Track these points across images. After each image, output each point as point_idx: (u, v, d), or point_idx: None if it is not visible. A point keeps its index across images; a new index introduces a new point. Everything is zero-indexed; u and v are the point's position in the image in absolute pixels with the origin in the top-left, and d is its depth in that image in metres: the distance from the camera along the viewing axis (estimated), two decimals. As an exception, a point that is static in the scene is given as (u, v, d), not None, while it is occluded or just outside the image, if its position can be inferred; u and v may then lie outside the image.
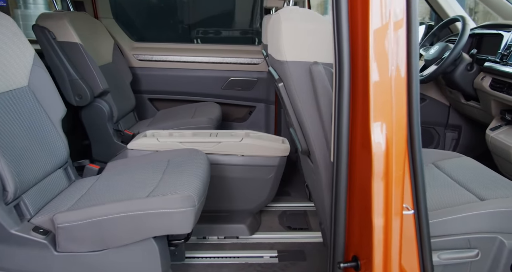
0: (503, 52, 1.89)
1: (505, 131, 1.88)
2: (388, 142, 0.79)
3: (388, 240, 0.81)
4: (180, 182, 1.21)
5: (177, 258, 1.58)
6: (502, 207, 1.14)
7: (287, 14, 1.05)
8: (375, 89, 0.78)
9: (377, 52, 0.78)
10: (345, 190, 0.87)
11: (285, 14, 1.05)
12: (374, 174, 0.79)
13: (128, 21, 3.04)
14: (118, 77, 2.43)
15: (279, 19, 1.04)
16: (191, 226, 1.14)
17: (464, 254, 1.10)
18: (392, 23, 0.78)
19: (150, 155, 1.56)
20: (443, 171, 1.50)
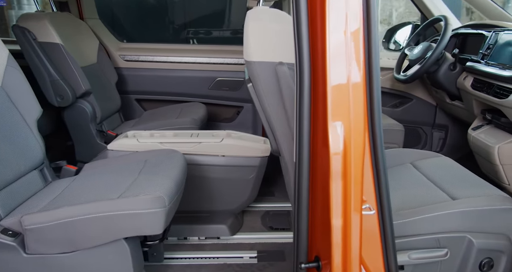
0: (484, 52, 1.90)
1: (486, 131, 1.89)
2: (346, 142, 0.79)
3: (347, 240, 0.81)
4: (152, 183, 1.21)
5: (156, 259, 1.58)
6: (472, 206, 1.14)
7: (255, 15, 1.05)
8: (332, 90, 0.78)
9: (334, 53, 0.78)
10: (307, 190, 0.87)
11: (254, 14, 1.05)
12: (332, 174, 0.79)
13: (115, 22, 3.04)
14: (103, 78, 2.43)
15: (247, 19, 1.04)
16: (162, 227, 1.14)
17: (433, 253, 1.11)
18: (350, 24, 0.78)
19: (128, 155, 1.56)
20: (420, 171, 1.50)
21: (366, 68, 0.84)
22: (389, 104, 2.76)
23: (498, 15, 2.21)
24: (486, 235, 1.13)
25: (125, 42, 2.83)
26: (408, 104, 2.71)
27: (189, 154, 1.75)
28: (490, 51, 1.86)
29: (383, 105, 2.76)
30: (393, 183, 1.42)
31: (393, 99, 2.76)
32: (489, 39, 1.92)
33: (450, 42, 2.34)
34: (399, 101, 2.76)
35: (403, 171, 1.52)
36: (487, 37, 1.94)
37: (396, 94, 2.73)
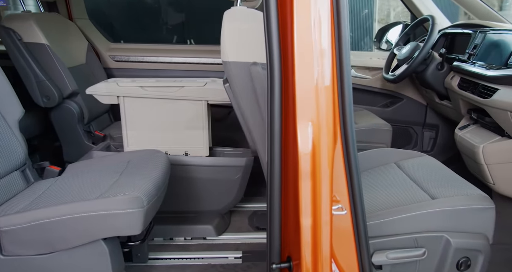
0: (470, 51, 1.90)
1: (472, 130, 1.89)
2: (315, 143, 0.79)
3: (317, 240, 0.81)
4: (131, 184, 1.21)
5: (140, 260, 1.57)
6: (449, 206, 1.15)
7: (232, 15, 1.05)
8: (300, 90, 0.78)
9: (302, 53, 0.78)
10: (279, 190, 0.87)
11: (230, 15, 1.05)
12: (301, 174, 0.79)
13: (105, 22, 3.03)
14: (92, 78, 2.42)
15: (223, 20, 1.04)
16: (140, 227, 1.13)
17: (411, 253, 1.11)
18: (318, 25, 0.78)
19: (112, 156, 1.56)
20: (403, 171, 1.50)
21: (337, 68, 0.84)
22: (380, 104, 2.77)
23: (487, 14, 2.22)
24: (464, 234, 1.13)
25: (115, 43, 2.82)
26: (398, 103, 2.72)
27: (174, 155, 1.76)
28: (476, 50, 1.87)
29: (374, 104, 2.76)
30: (375, 183, 1.42)
31: (383, 98, 2.76)
32: (475, 39, 1.92)
33: (439, 42, 2.34)
34: (389, 101, 2.76)
35: (387, 171, 1.53)
36: (474, 37, 1.95)
37: (386, 94, 2.73)
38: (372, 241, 1.14)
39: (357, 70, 2.78)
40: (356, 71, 2.78)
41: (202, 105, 1.68)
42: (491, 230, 1.15)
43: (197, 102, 1.67)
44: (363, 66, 2.76)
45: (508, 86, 1.52)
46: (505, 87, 1.53)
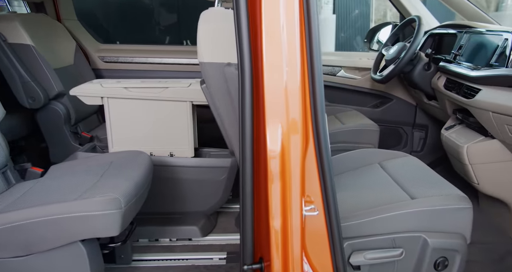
0: (455, 52, 1.91)
1: (457, 131, 1.90)
2: (284, 144, 0.79)
3: (287, 242, 0.81)
4: (110, 185, 1.20)
5: (123, 261, 1.57)
6: (427, 206, 1.15)
7: (208, 16, 1.05)
8: (269, 91, 0.78)
9: (270, 54, 0.78)
10: (251, 190, 0.87)
11: (206, 16, 1.05)
12: (270, 175, 0.79)
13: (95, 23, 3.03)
14: (80, 79, 2.41)
15: (199, 21, 1.04)
16: (118, 229, 1.13)
17: (389, 253, 1.11)
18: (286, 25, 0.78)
19: (95, 157, 1.55)
20: (386, 171, 1.51)
21: (308, 69, 0.84)
22: (370, 104, 2.77)
23: (475, 15, 2.22)
24: (441, 234, 1.13)
25: (104, 43, 2.82)
26: (388, 104, 2.72)
27: (158, 156, 1.76)
28: (461, 51, 1.88)
29: (364, 105, 2.77)
30: (358, 183, 1.42)
31: (373, 99, 2.77)
32: (461, 39, 1.93)
33: (427, 42, 2.35)
34: (379, 101, 2.77)
35: (370, 171, 1.53)
36: (459, 37, 1.96)
37: (376, 94, 2.74)
38: (350, 242, 1.14)
39: (347, 71, 2.79)
40: (346, 72, 2.79)
41: (187, 106, 1.67)
42: (468, 229, 1.16)
43: (182, 103, 1.67)
44: (352, 67, 2.77)
45: (490, 87, 1.52)
46: (487, 87, 1.54)
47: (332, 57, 2.85)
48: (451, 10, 2.34)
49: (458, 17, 2.33)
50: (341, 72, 2.78)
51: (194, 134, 1.80)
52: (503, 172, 1.62)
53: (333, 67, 2.78)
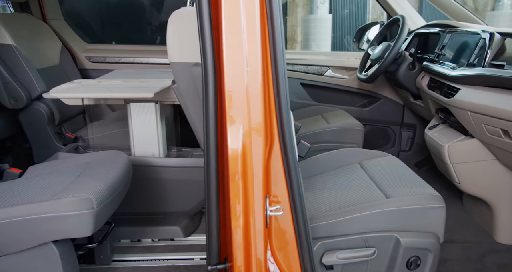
0: (438, 51, 1.91)
1: (440, 130, 1.90)
2: (245, 144, 0.79)
3: (249, 242, 0.81)
4: (83, 185, 1.20)
5: (103, 262, 1.56)
6: (399, 205, 1.15)
7: (177, 16, 1.04)
8: (230, 91, 0.78)
9: (230, 54, 0.77)
10: (215, 190, 0.87)
11: (176, 16, 1.05)
12: (231, 175, 0.79)
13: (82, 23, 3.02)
14: (66, 79, 2.40)
15: (169, 21, 1.04)
16: (91, 229, 1.13)
17: (361, 253, 1.11)
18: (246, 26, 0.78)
19: (73, 157, 1.55)
20: (365, 171, 1.51)
21: (272, 69, 0.84)
22: (357, 104, 2.78)
23: (462, 15, 2.23)
24: (414, 233, 1.13)
25: (91, 43, 2.81)
26: (376, 103, 2.73)
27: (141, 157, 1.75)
28: (443, 51, 1.88)
29: (352, 104, 2.77)
30: (336, 183, 1.42)
31: (361, 98, 2.77)
32: (444, 39, 1.94)
33: (413, 42, 2.36)
34: (367, 101, 2.77)
35: (349, 171, 1.53)
36: (442, 37, 1.96)
37: (364, 94, 2.74)
38: (323, 242, 1.14)
39: (335, 70, 2.79)
40: (334, 71, 2.79)
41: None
42: (441, 229, 1.16)
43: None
44: (340, 66, 2.77)
45: (469, 86, 1.53)
46: (465, 87, 1.54)
47: (319, 56, 2.86)
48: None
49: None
50: (328, 71, 2.78)
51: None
52: (482, 171, 1.62)
53: (320, 67, 2.78)
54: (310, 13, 7.16)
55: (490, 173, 1.61)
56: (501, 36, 1.47)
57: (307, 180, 1.51)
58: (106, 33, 3.26)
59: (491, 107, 1.36)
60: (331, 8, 7.07)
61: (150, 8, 3.31)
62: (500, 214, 1.66)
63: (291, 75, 2.82)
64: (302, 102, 2.81)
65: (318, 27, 7.06)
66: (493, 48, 1.45)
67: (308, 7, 7.20)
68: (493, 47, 1.45)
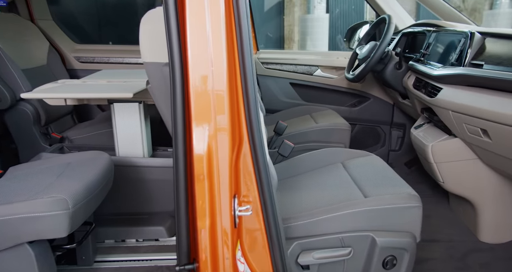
0: (424, 51, 1.91)
1: (425, 130, 1.90)
2: (210, 144, 0.79)
3: (216, 242, 0.81)
4: (62, 186, 1.19)
5: (85, 263, 1.56)
6: (376, 205, 1.15)
7: (150, 16, 1.04)
8: (195, 92, 0.78)
9: (195, 54, 0.77)
10: (184, 191, 0.86)
11: (149, 16, 1.04)
12: (196, 176, 0.79)
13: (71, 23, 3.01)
14: (53, 80, 2.40)
15: (141, 21, 1.04)
16: (66, 230, 1.12)
17: (336, 252, 1.11)
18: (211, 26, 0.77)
19: (55, 158, 1.54)
20: (347, 170, 1.51)
21: (240, 69, 0.84)
22: (347, 103, 2.78)
23: (451, 15, 2.23)
24: (390, 233, 1.13)
25: (80, 43, 2.80)
26: (365, 103, 2.73)
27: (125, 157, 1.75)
28: (429, 50, 1.88)
29: (341, 104, 2.78)
30: (318, 183, 1.42)
31: (350, 98, 2.77)
32: (429, 38, 1.94)
33: (401, 41, 2.36)
34: (357, 100, 2.77)
35: (332, 170, 1.53)
36: (428, 36, 1.96)
37: (353, 94, 2.75)
38: (299, 241, 1.14)
39: (324, 70, 2.79)
40: (323, 71, 2.79)
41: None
42: (418, 228, 1.16)
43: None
44: (329, 66, 2.77)
45: (450, 85, 1.53)
46: (447, 86, 1.54)
47: (308, 56, 2.86)
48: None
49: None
50: (318, 71, 2.78)
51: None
52: (465, 171, 1.63)
53: (309, 66, 2.78)
54: (307, 13, 7.17)
55: (473, 173, 1.61)
56: (481, 36, 1.47)
57: (289, 180, 1.51)
58: (95, 33, 3.25)
59: (470, 106, 1.36)
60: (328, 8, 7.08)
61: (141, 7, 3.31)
62: (483, 213, 1.66)
63: (281, 74, 2.82)
64: (291, 102, 2.81)
65: (315, 27, 7.07)
66: (473, 47, 1.45)
67: (305, 6, 7.20)
68: (473, 47, 1.45)
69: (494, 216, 1.64)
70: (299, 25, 7.18)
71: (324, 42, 7.06)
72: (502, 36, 1.37)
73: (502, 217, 1.63)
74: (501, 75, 1.19)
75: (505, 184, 1.59)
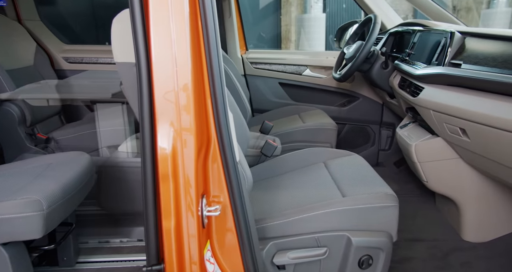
0: (409, 50, 1.91)
1: (410, 129, 1.91)
2: (175, 144, 0.78)
3: (182, 243, 0.80)
4: (38, 187, 1.19)
5: (66, 264, 1.55)
6: (352, 204, 1.15)
7: (122, 16, 1.04)
8: (159, 91, 0.78)
9: (159, 53, 0.77)
10: (152, 191, 0.86)
11: (120, 16, 1.04)
12: (161, 176, 0.78)
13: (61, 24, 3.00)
14: (40, 80, 2.39)
15: (113, 21, 1.03)
16: (41, 232, 1.12)
17: (312, 252, 1.11)
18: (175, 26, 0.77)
19: (36, 158, 1.54)
20: (328, 170, 1.51)
21: (208, 68, 0.83)
22: (336, 103, 2.78)
23: (439, 14, 2.24)
24: (365, 233, 1.13)
25: (69, 44, 2.79)
26: (355, 102, 2.73)
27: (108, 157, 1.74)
28: (413, 49, 1.88)
29: (331, 104, 2.78)
30: (298, 183, 1.42)
31: (340, 98, 2.77)
32: (414, 38, 1.94)
33: (388, 41, 2.36)
34: (346, 100, 2.78)
35: (314, 170, 1.53)
36: (413, 36, 1.96)
37: (342, 93, 2.75)
38: (275, 241, 1.14)
39: (313, 70, 2.79)
40: (312, 71, 2.79)
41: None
42: (394, 227, 1.16)
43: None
44: (318, 66, 2.77)
45: (431, 85, 1.53)
46: (428, 85, 1.54)
47: (297, 56, 2.86)
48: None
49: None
50: (307, 71, 2.78)
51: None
52: (448, 170, 1.63)
53: (298, 66, 2.78)
54: (304, 13, 7.17)
55: (455, 172, 1.61)
56: (461, 35, 1.47)
57: (270, 180, 1.51)
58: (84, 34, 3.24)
59: (450, 106, 1.36)
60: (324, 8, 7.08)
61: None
62: (466, 212, 1.66)
63: (270, 74, 2.82)
64: (280, 101, 2.81)
65: (312, 26, 7.07)
66: (453, 47, 1.45)
67: (302, 6, 7.20)
68: (453, 46, 1.45)
69: (477, 215, 1.64)
70: (296, 25, 7.18)
71: (321, 42, 7.06)
72: (481, 36, 1.38)
73: (485, 216, 1.63)
74: (477, 75, 1.19)
75: (487, 183, 1.59)
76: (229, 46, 2.79)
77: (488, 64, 1.19)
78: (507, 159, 1.20)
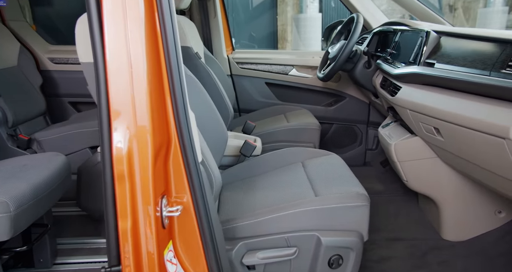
0: (390, 50, 1.91)
1: (391, 128, 1.91)
2: (130, 145, 0.78)
3: (139, 244, 0.80)
4: (6, 188, 1.18)
5: (43, 265, 1.55)
6: (322, 204, 1.15)
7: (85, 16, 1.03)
8: (113, 92, 0.77)
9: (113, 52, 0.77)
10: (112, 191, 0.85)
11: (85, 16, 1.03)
12: (117, 176, 0.78)
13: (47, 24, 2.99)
14: (24, 81, 2.38)
15: (77, 21, 1.03)
16: (8, 233, 1.11)
17: (281, 252, 1.10)
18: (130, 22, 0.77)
19: (12, 159, 1.53)
20: (305, 170, 1.51)
21: (167, 69, 0.83)
22: (323, 103, 2.78)
23: (426, 15, 2.24)
24: (336, 232, 1.13)
25: (54, 45, 2.78)
26: (341, 102, 2.73)
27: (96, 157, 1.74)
28: (394, 49, 1.88)
29: (318, 104, 2.78)
30: (274, 183, 1.42)
31: (326, 97, 2.77)
32: (395, 37, 1.94)
33: (373, 40, 2.36)
34: (333, 100, 2.77)
35: (291, 170, 1.53)
36: (395, 35, 1.96)
37: (329, 93, 2.75)
38: (245, 241, 1.13)
39: (299, 69, 2.79)
40: (298, 71, 2.79)
41: None
42: (365, 227, 1.16)
43: None
44: (305, 66, 2.77)
45: (408, 84, 1.53)
46: (405, 85, 1.54)
47: (283, 55, 2.85)
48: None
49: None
50: (293, 71, 2.78)
51: None
52: (426, 169, 1.63)
53: (284, 66, 2.78)
54: (300, 12, 7.17)
55: (433, 171, 1.61)
56: (437, 35, 1.47)
57: (247, 180, 1.51)
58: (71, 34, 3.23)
59: (424, 105, 1.36)
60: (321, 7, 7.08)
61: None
62: (445, 211, 1.66)
63: (256, 74, 2.81)
64: (267, 101, 2.81)
65: (308, 26, 7.07)
66: (428, 46, 1.45)
67: (298, 6, 7.20)
68: (428, 45, 1.45)
69: (455, 213, 1.64)
70: (292, 24, 7.18)
71: (317, 42, 7.06)
72: (455, 35, 1.38)
73: (463, 215, 1.63)
74: (447, 74, 1.19)
75: (465, 182, 1.59)
76: (215, 46, 2.78)
77: (458, 63, 1.19)
78: (479, 158, 1.20)
